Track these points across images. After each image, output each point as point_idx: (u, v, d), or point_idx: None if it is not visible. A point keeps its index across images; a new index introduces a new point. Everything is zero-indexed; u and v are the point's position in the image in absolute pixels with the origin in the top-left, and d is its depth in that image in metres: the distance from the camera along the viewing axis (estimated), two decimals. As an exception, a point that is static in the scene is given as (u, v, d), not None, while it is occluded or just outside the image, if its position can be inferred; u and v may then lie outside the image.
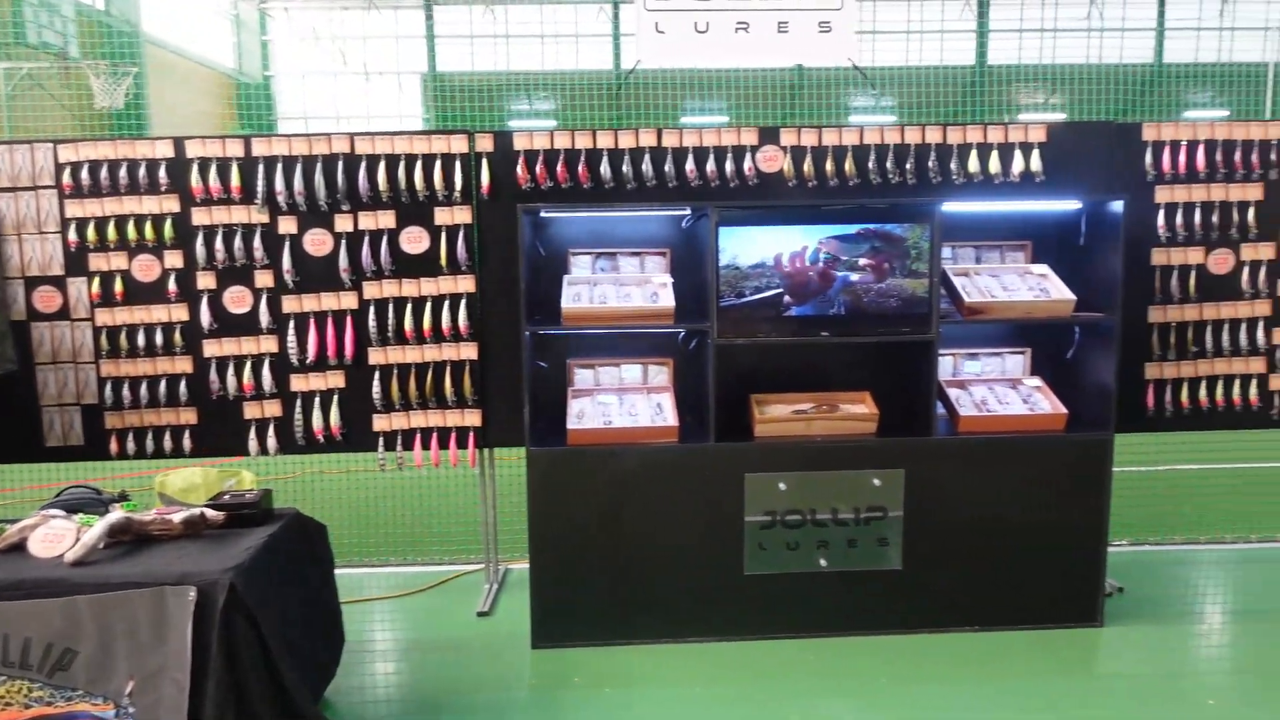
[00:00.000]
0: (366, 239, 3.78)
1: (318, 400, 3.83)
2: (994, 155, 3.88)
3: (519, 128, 12.42)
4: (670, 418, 3.57)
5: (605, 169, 3.81)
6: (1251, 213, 4.01)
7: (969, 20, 18.92)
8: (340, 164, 3.74)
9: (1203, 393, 4.09)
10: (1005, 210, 3.94)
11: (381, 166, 3.75)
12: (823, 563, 3.54)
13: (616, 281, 3.70)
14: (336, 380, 3.83)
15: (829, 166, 3.85)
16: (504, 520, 4.24)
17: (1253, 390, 4.10)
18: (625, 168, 3.81)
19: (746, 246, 3.47)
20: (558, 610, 3.52)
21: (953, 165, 3.88)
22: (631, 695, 3.17)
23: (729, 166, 3.83)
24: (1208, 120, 4.09)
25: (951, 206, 3.77)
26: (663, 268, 3.82)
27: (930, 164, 3.87)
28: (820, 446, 3.54)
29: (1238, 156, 3.99)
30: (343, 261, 3.78)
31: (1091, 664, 3.40)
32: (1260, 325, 4.08)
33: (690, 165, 3.82)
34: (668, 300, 3.55)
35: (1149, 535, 4.70)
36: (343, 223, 3.77)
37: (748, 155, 3.84)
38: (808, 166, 3.85)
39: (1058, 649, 3.47)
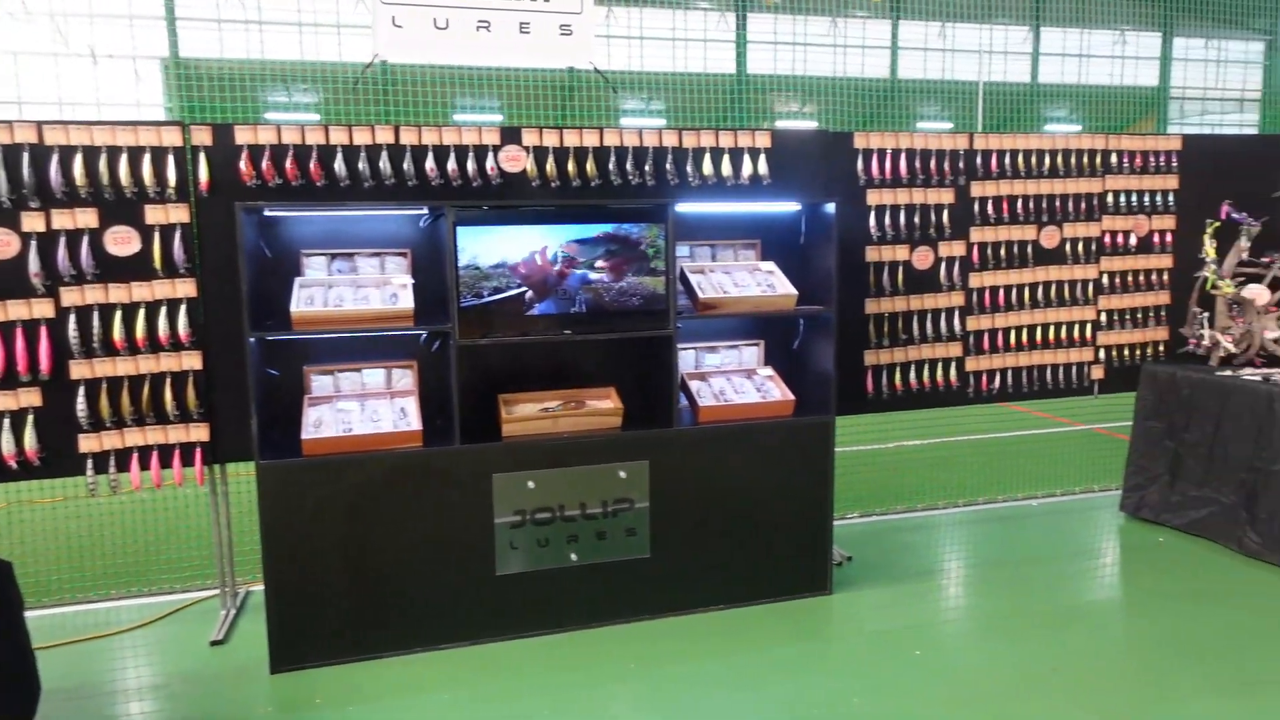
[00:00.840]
0: (63, 240, 3.39)
1: (8, 421, 3.39)
2: (725, 159, 4.11)
3: (277, 120, 11.62)
4: (414, 422, 3.49)
5: (340, 166, 3.65)
6: (945, 214, 4.51)
7: (729, 31, 19.99)
8: (26, 155, 3.33)
9: (912, 376, 4.56)
10: (737, 211, 4.18)
11: (78, 159, 3.38)
12: (573, 557, 3.60)
13: (354, 283, 3.56)
14: (30, 398, 3.41)
15: (571, 167, 3.91)
16: (242, 540, 3.96)
17: (953, 372, 4.62)
18: (362, 165, 3.67)
19: (487, 246, 3.46)
20: (298, 630, 3.34)
21: (688, 168, 4.06)
22: (378, 709, 3.07)
23: (470, 166, 3.80)
24: (937, 131, 4.57)
25: (685, 207, 3.95)
26: (404, 268, 3.72)
27: (668, 167, 4.04)
28: (568, 443, 3.60)
29: (933, 164, 4.47)
30: (34, 265, 3.37)
31: (821, 629, 3.68)
32: (956, 314, 4.59)
33: (430, 164, 3.74)
34: (407, 301, 3.46)
35: (876, 506, 5.18)
36: (32, 221, 3.37)
37: (490, 155, 3.82)
38: (550, 167, 3.89)
39: (793, 618, 3.74)
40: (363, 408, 3.56)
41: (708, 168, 4.08)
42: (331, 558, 3.35)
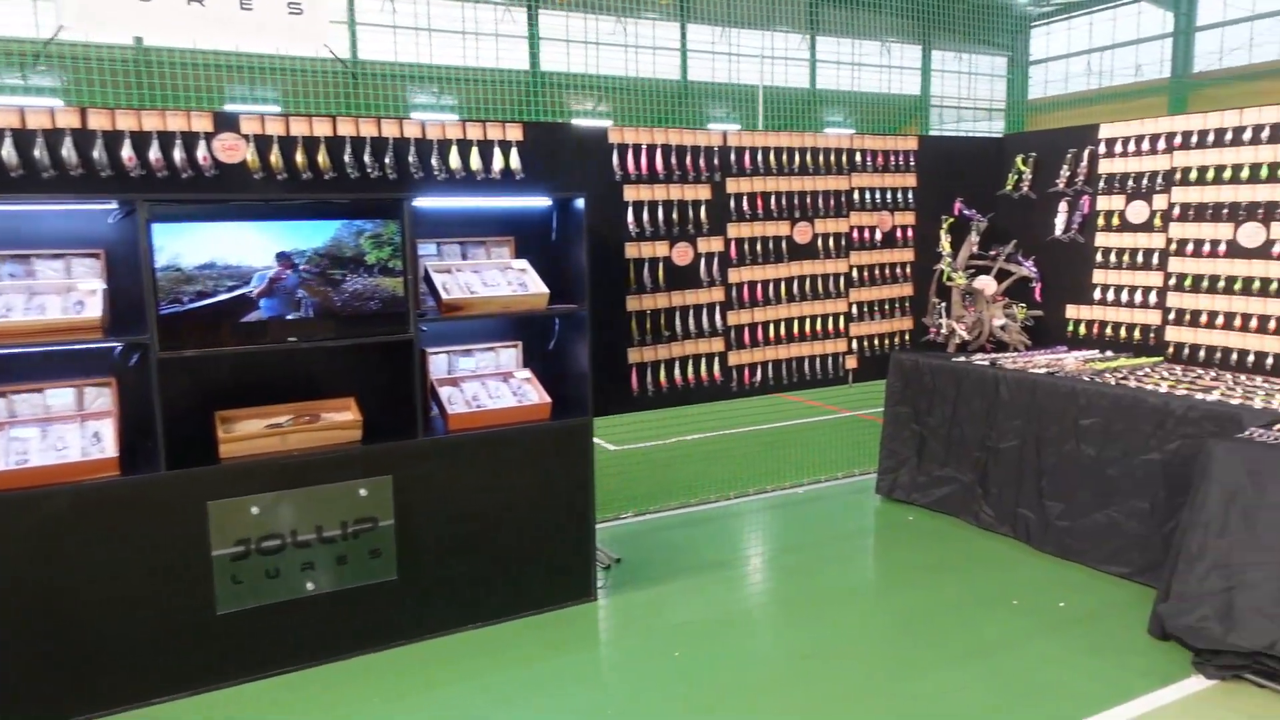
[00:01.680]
0: None
1: None
2: (474, 152, 3.90)
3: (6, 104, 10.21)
4: (109, 448, 3.04)
5: (9, 153, 3.13)
6: (703, 210, 4.53)
7: (521, 26, 19.75)
8: None
9: (677, 372, 4.55)
10: (490, 206, 3.99)
11: None
12: (310, 586, 3.28)
13: (29, 290, 3.06)
14: None
15: (300, 159, 3.57)
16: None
17: (716, 367, 4.66)
18: (38, 152, 3.17)
19: (192, 246, 3.07)
20: (-37, 702, 2.83)
21: (434, 161, 3.82)
22: (61, 787, 2.64)
23: (178, 155, 3.37)
24: (721, 130, 4.56)
25: (430, 202, 3.72)
26: (96, 272, 3.25)
27: (411, 159, 3.78)
28: (300, 461, 3.27)
29: (689, 160, 4.47)
30: None
31: (583, 639, 3.57)
32: (718, 309, 4.64)
33: (128, 152, 3.29)
34: (94, 310, 3.01)
35: (651, 504, 5.16)
36: None
37: (201, 143, 3.42)
38: (275, 158, 3.53)
39: (556, 630, 3.61)
40: (45, 434, 3.06)
41: (455, 161, 3.86)
42: (12, 609, 2.86)
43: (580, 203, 3.72)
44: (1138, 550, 3.88)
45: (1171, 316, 4.63)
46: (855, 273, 5.04)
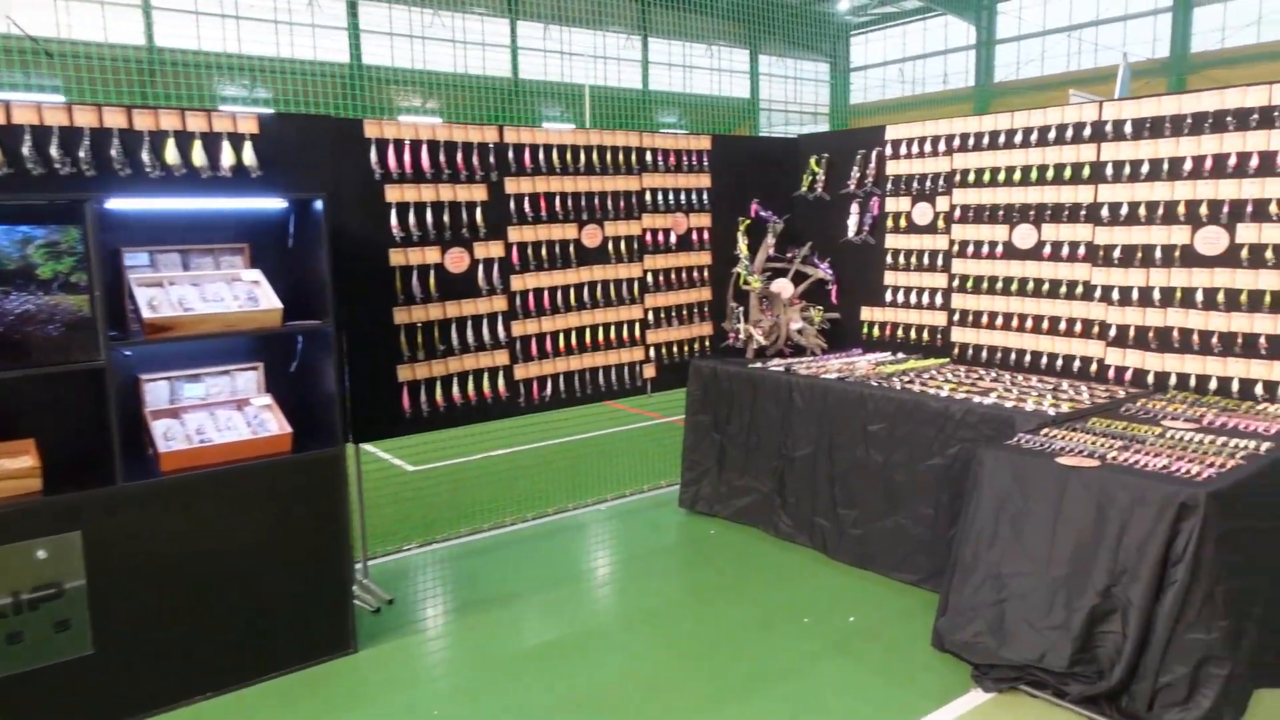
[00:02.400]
0: None
1: None
2: (198, 146, 3.38)
3: None
4: None
5: None
6: (479, 212, 4.16)
7: (339, 18, 18.71)
8: None
9: (456, 389, 4.16)
10: (221, 209, 3.47)
11: None
12: (-29, 673, 2.69)
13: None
14: None
15: (-42, 151, 2.95)
16: None
17: (501, 382, 4.30)
18: None
19: None
20: None
21: (144, 155, 3.27)
22: None
23: None
24: (503, 126, 4.17)
25: (131, 204, 3.17)
26: None
27: (114, 153, 3.22)
28: (-47, 521, 2.67)
29: (460, 158, 4.09)
30: None
31: (335, 702, 3.13)
32: (500, 320, 4.28)
33: None
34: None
35: (440, 532, 4.75)
36: None
37: None
38: (-76, 150, 2.90)
39: (306, 692, 3.15)
40: None
41: (172, 156, 3.32)
42: None
43: (319, 205, 3.27)
44: (925, 555, 3.83)
45: (956, 317, 4.65)
46: (650, 277, 4.81)
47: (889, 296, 4.94)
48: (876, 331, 5.03)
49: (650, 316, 4.83)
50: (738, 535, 4.60)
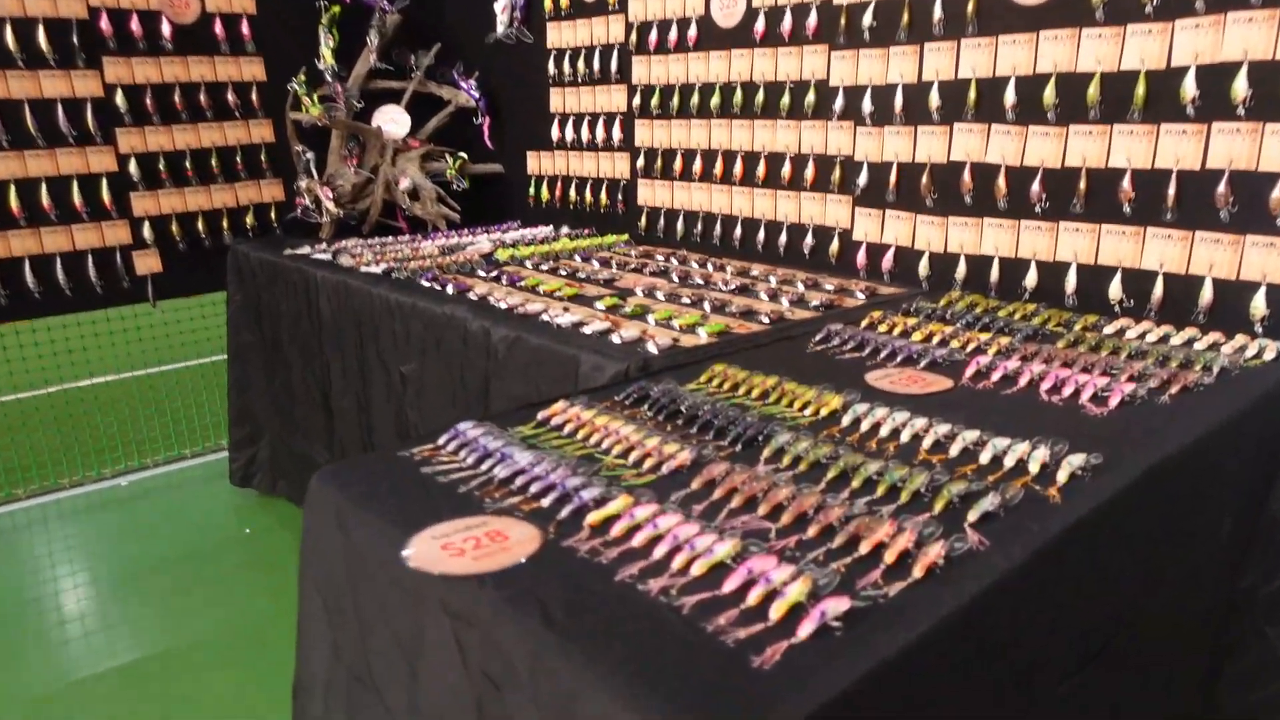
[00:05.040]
0: None
1: None
2: None
3: None
4: None
5: None
6: None
7: None
8: None
9: None
10: None
11: None
12: None
13: None
14: None
15: None
16: None
17: None
18: None
19: None
20: None
21: None
22: None
23: None
24: None
25: None
26: None
27: None
28: None
29: None
30: None
31: None
32: None
33: None
34: None
35: None
36: None
37: None
38: None
39: None
40: None
41: None
42: None
43: None
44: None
45: (641, 162, 2.71)
46: (123, 102, 2.76)
47: (555, 132, 2.97)
48: (546, 192, 3.08)
49: (135, 170, 2.80)
50: (291, 534, 2.76)
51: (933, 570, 0.83)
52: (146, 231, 2.85)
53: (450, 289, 2.08)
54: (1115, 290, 1.73)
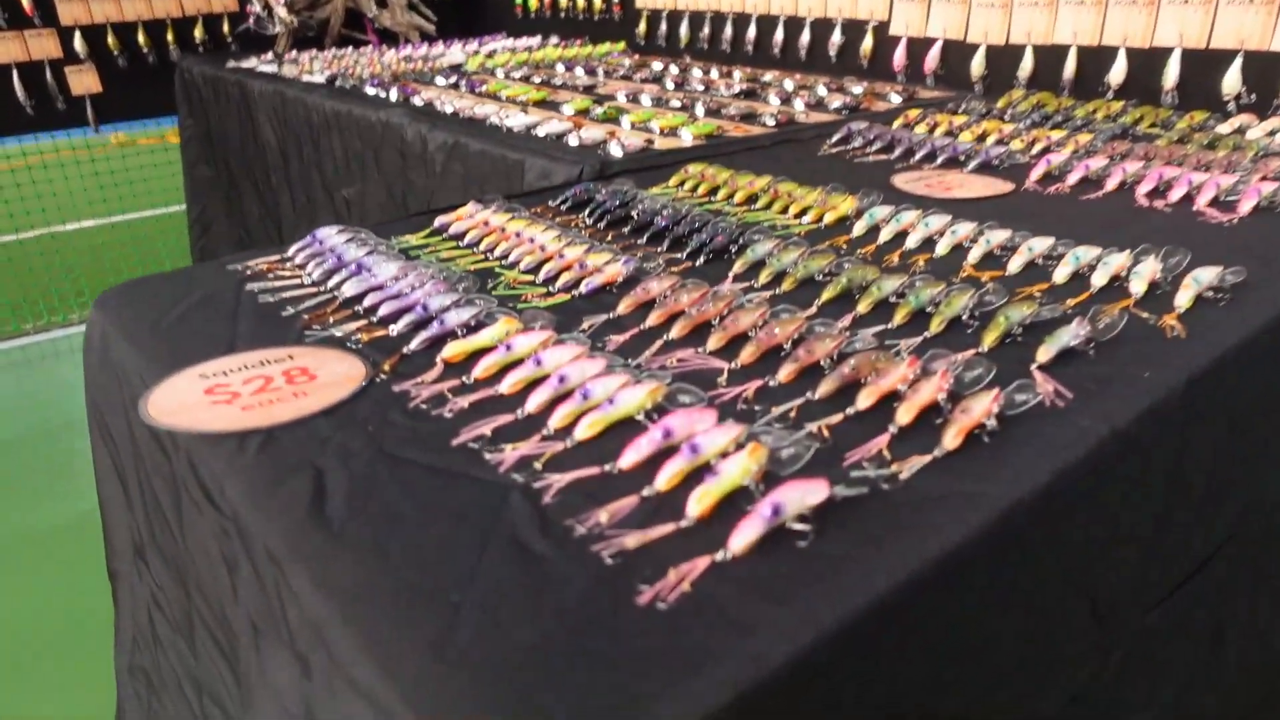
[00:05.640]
0: None
1: None
2: None
3: None
4: None
5: None
6: None
7: None
8: None
9: None
10: None
11: None
12: None
13: None
14: None
15: None
16: None
17: None
18: None
19: None
20: None
21: None
22: None
23: None
24: None
25: None
26: None
27: None
28: None
29: None
30: None
31: None
32: None
33: None
34: None
35: None
36: None
37: None
38: None
39: None
40: None
41: None
42: None
43: None
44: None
45: (640, -48, 2.25)
46: (31, -122, 2.33)
47: (542, -79, 2.50)
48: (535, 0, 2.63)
49: (52, -32, 2.40)
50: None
51: (976, 437, 0.50)
52: (78, 43, 2.48)
53: (394, 95, 1.72)
54: (1232, 81, 1.32)
